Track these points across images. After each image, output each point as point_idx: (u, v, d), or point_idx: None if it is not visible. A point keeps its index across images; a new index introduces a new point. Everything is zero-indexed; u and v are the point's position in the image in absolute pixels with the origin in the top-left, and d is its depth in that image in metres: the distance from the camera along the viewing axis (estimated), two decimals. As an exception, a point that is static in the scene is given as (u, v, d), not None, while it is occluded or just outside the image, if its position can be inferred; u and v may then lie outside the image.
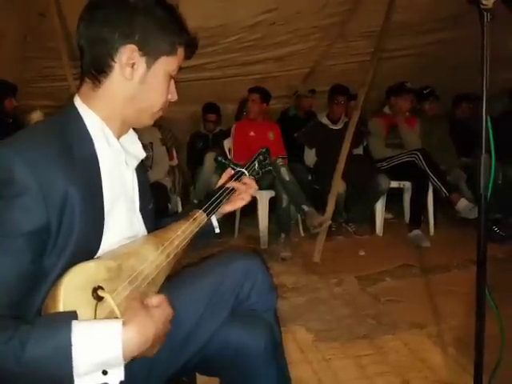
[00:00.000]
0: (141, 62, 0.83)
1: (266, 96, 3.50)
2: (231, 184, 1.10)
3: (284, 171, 3.01)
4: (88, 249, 0.78)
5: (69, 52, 2.75)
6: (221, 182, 1.14)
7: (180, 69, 0.91)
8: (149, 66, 0.84)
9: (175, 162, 3.81)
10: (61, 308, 0.67)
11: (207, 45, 3.29)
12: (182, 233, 0.92)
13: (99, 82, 0.83)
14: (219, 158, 1.32)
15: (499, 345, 1.07)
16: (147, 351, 0.73)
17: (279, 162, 3.02)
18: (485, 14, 0.95)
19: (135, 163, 0.93)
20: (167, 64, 0.86)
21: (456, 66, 3.92)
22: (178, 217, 1.02)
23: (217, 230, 1.12)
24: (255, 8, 3.10)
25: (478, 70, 1.02)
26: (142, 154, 0.96)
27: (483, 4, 0.94)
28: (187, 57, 0.91)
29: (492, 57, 0.99)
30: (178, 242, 0.91)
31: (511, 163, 3.20)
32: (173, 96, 0.92)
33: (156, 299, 0.78)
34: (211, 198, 1.05)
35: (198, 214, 0.99)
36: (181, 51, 0.88)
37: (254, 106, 3.46)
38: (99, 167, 0.82)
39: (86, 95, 0.85)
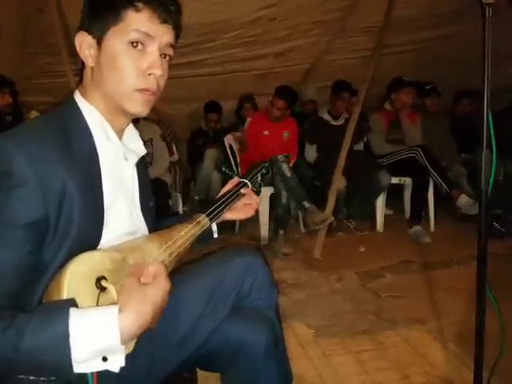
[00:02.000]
0: (93, 45, 0.81)
1: (293, 101, 3.36)
2: (242, 190, 1.13)
3: (285, 167, 3.00)
4: (87, 243, 0.77)
5: (68, 48, 2.74)
6: (225, 189, 1.15)
7: (152, 33, 0.80)
8: (100, 45, 0.80)
9: (176, 157, 3.80)
10: (65, 295, 0.67)
11: (207, 40, 3.28)
12: (184, 234, 0.93)
13: (83, 74, 0.85)
14: (223, 169, 1.36)
15: (499, 340, 1.08)
16: (148, 326, 0.72)
17: (280, 158, 3.00)
18: (487, 8, 0.95)
19: (135, 159, 0.93)
20: (118, 35, 0.79)
21: (457, 61, 3.90)
22: (181, 218, 1.02)
23: (215, 235, 1.13)
24: (255, 3, 3.08)
25: (479, 66, 1.02)
26: (143, 151, 0.95)
27: (485, -1, 0.93)
28: (156, 14, 0.80)
29: (493, 52, 0.99)
30: (181, 243, 0.91)
31: (512, 159, 3.20)
32: (153, 69, 0.81)
33: (153, 268, 0.75)
34: (215, 203, 1.06)
35: (201, 218, 1.00)
36: (132, 14, 0.79)
37: (276, 112, 3.32)
38: (99, 162, 0.82)
39: (83, 89, 0.85)
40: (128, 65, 0.80)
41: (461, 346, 1.71)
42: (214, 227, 1.11)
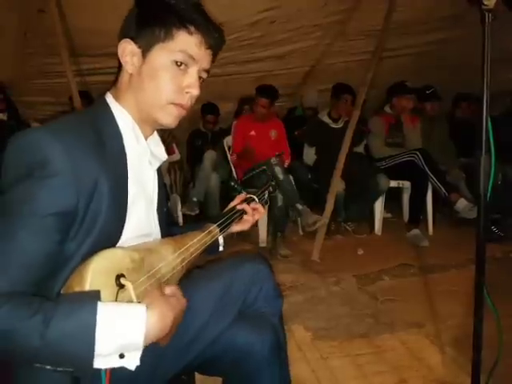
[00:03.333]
0: (137, 54, 0.83)
1: (274, 97, 3.43)
2: (242, 206, 1.16)
3: (278, 170, 2.99)
4: (109, 239, 0.79)
5: (69, 48, 2.74)
6: (233, 203, 1.18)
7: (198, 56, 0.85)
8: (144, 56, 0.83)
9: (177, 156, 3.80)
10: (87, 288, 0.67)
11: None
12: (197, 242, 0.95)
13: (119, 77, 0.87)
14: (232, 183, 1.40)
15: (497, 344, 1.08)
16: (163, 338, 0.74)
17: (273, 160, 3.00)
18: (486, 14, 0.95)
19: (157, 164, 0.95)
20: (165, 52, 0.82)
21: (457, 65, 3.92)
22: (191, 228, 1.03)
23: (221, 248, 1.15)
24: (256, 6, 3.09)
25: (479, 70, 1.02)
26: (165, 157, 0.97)
27: (484, 5, 0.93)
28: (204, 40, 0.85)
29: (494, 56, 0.99)
30: (193, 250, 0.93)
31: (511, 163, 3.21)
32: (191, 88, 0.86)
33: (170, 289, 0.80)
34: (226, 216, 1.09)
35: (212, 228, 1.02)
36: (183, 35, 0.83)
37: (261, 110, 3.38)
38: (127, 162, 0.83)
39: (116, 92, 0.88)
40: (169, 80, 0.84)
41: (458, 350, 1.71)
42: (221, 240, 1.14)
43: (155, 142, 0.96)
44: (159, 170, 0.98)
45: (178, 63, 0.83)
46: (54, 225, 0.69)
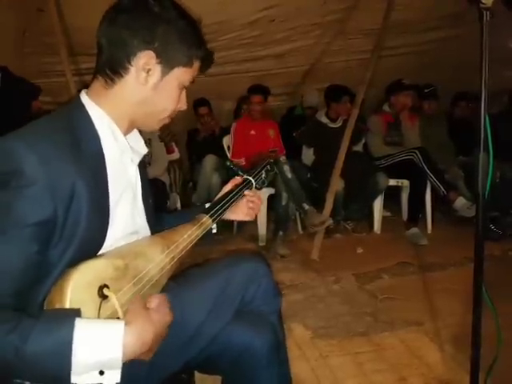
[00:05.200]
0: (156, 69, 0.85)
1: (266, 94, 3.50)
2: (243, 192, 1.14)
3: (287, 169, 3.02)
4: (93, 243, 0.79)
5: (67, 48, 2.74)
6: (227, 188, 1.17)
7: (193, 81, 0.93)
8: (163, 74, 0.86)
9: (177, 155, 3.79)
10: (67, 303, 0.67)
11: (206, 41, 3.27)
12: (187, 237, 0.93)
13: (112, 81, 0.84)
14: (228, 164, 1.36)
15: (496, 342, 1.08)
16: (144, 355, 0.73)
17: (282, 159, 3.03)
18: (484, 13, 0.95)
19: (138, 159, 0.94)
20: (182, 75, 0.88)
21: (457, 64, 3.92)
22: (183, 217, 1.03)
23: (214, 231, 1.14)
24: (255, 5, 3.09)
25: (478, 69, 1.02)
26: (145, 150, 0.97)
27: (482, 3, 0.94)
28: (202, 71, 0.93)
29: (494, 55, 0.99)
30: (183, 247, 0.92)
31: (509, 162, 3.21)
32: (182, 105, 0.94)
33: (156, 301, 0.78)
34: (218, 204, 1.07)
35: (204, 220, 1.00)
36: (197, 64, 0.90)
37: (257, 108, 3.44)
38: (105, 164, 0.83)
39: (95, 93, 0.86)
40: (175, 100, 0.90)
41: (457, 348, 1.71)
42: (214, 225, 1.12)
43: (134, 135, 0.96)
44: (141, 163, 0.97)
45: (183, 87, 0.91)
46: (31, 235, 0.69)
